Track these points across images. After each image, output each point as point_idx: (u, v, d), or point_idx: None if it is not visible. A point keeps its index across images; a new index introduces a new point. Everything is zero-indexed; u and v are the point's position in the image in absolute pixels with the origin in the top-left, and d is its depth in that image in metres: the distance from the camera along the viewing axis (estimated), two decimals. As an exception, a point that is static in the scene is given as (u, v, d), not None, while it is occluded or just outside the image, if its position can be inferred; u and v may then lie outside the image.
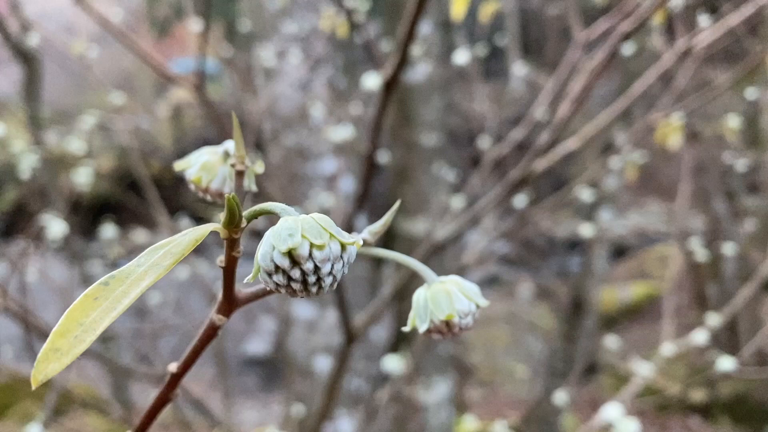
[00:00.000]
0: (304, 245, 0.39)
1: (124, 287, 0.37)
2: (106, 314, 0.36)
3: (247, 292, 0.47)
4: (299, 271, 0.40)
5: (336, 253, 0.40)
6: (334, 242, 0.40)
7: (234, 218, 0.39)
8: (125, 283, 0.37)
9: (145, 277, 0.37)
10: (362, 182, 1.45)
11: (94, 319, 0.35)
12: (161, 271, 0.37)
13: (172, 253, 0.38)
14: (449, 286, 0.51)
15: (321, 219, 0.41)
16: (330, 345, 2.85)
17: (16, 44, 3.03)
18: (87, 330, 0.35)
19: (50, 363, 0.35)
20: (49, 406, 2.09)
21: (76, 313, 0.36)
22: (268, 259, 0.40)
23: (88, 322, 0.35)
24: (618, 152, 2.72)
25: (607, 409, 1.75)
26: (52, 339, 0.35)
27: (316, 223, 0.40)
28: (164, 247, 0.38)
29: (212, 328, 0.46)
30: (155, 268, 0.37)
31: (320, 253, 0.39)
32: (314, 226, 0.40)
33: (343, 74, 3.05)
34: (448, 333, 0.51)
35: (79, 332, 0.35)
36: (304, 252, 0.39)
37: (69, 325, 0.35)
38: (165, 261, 0.38)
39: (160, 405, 0.48)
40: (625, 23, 1.47)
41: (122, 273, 0.37)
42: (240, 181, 0.48)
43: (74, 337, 0.35)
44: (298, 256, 0.39)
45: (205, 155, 0.57)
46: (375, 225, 0.50)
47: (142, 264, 0.38)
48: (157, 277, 0.37)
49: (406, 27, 1.11)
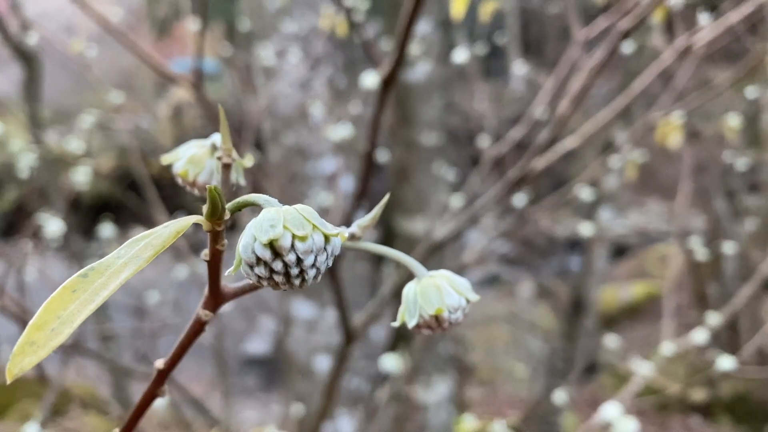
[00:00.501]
0: (286, 236, 0.38)
1: (103, 279, 0.36)
2: (84, 306, 0.35)
3: (233, 287, 0.47)
4: (281, 263, 0.39)
5: (319, 245, 0.39)
6: (317, 233, 0.39)
7: (216, 210, 0.39)
8: (104, 275, 0.36)
9: (124, 269, 0.36)
10: (361, 181, 1.44)
11: (71, 311, 0.35)
12: (141, 263, 0.37)
13: (152, 245, 0.37)
14: (439, 280, 0.50)
15: (304, 210, 0.40)
16: (330, 344, 2.84)
17: (16, 44, 3.02)
18: (64, 322, 0.34)
19: (26, 356, 0.34)
20: (48, 405, 2.09)
21: (54, 305, 0.35)
22: (249, 250, 0.39)
23: (66, 315, 0.35)
24: (618, 151, 2.71)
25: (606, 409, 1.75)
26: (29, 332, 0.34)
27: (298, 213, 0.39)
28: (145, 238, 0.38)
29: (199, 324, 0.46)
30: (135, 260, 0.37)
31: (303, 245, 0.38)
32: (297, 217, 0.39)
33: (343, 73, 3.05)
34: (437, 328, 0.50)
35: (56, 325, 0.34)
36: (286, 243, 0.38)
37: (46, 318, 0.35)
38: (145, 253, 0.37)
39: (148, 401, 0.47)
40: (624, 21, 1.47)
41: (101, 265, 0.37)
42: (227, 174, 0.48)
43: (51, 329, 0.34)
44: (279, 248, 0.38)
45: (193, 148, 0.56)
46: (364, 219, 0.49)
47: (121, 256, 0.37)
48: (137, 268, 0.36)
49: (403, 25, 1.11)
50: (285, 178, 2.92)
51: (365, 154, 1.35)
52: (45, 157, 2.98)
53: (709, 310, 2.95)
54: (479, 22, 2.91)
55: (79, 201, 3.33)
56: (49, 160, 3.08)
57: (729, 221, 4.47)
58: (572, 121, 1.78)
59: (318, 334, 2.88)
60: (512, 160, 2.09)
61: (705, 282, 4.75)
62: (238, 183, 0.52)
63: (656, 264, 6.54)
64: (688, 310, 4.80)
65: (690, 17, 1.84)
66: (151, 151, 3.83)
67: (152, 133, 4.19)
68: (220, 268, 0.43)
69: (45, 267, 3.30)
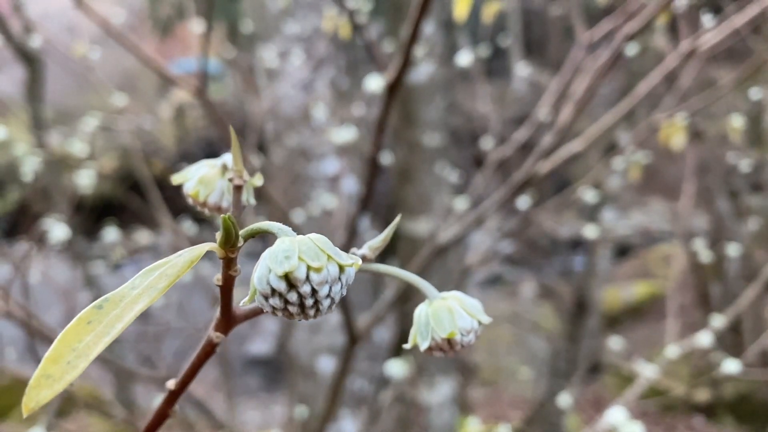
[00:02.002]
0: (301, 268, 0.38)
1: (118, 311, 0.36)
2: (100, 339, 0.35)
3: (244, 310, 0.47)
4: (296, 294, 0.39)
5: (334, 276, 0.39)
6: (332, 264, 0.39)
7: (230, 239, 0.39)
8: (119, 306, 0.36)
9: (139, 301, 0.36)
10: (365, 184, 1.44)
11: (87, 344, 0.34)
12: (156, 294, 0.36)
13: (167, 275, 0.37)
14: (451, 302, 0.50)
15: (318, 240, 0.40)
16: (333, 346, 2.84)
17: (19, 45, 3.03)
18: (80, 356, 0.34)
19: (42, 390, 0.34)
20: (52, 408, 2.09)
21: (69, 337, 0.35)
22: (264, 282, 0.39)
23: (81, 347, 0.34)
24: (622, 152, 2.71)
25: (611, 413, 1.74)
26: (44, 365, 0.34)
27: (313, 244, 0.39)
28: (159, 268, 0.37)
29: (210, 346, 0.46)
30: (150, 290, 0.36)
31: (318, 276, 0.38)
32: (312, 248, 0.39)
33: (346, 75, 3.04)
34: (450, 351, 0.49)
35: (71, 358, 0.34)
36: (301, 275, 0.38)
37: (61, 351, 0.34)
38: (160, 283, 0.37)
39: (159, 421, 0.47)
40: (630, 24, 1.46)
41: (116, 296, 0.36)
42: (238, 196, 0.47)
43: (67, 363, 0.34)
44: (295, 279, 0.38)
45: (204, 168, 0.56)
46: (375, 240, 0.49)
47: (136, 286, 0.37)
48: (152, 300, 0.36)
49: (409, 29, 1.11)
50: (288, 179, 2.92)
51: (370, 158, 1.35)
52: (48, 158, 2.98)
53: (712, 310, 2.95)
54: (482, 23, 2.91)
55: (81, 202, 3.33)
56: (51, 161, 3.08)
57: (732, 221, 4.46)
58: (576, 122, 1.78)
59: (321, 335, 2.88)
60: (516, 161, 2.09)
61: (708, 282, 4.75)
62: (248, 203, 0.52)
63: (659, 264, 6.53)
64: (691, 310, 4.79)
65: (694, 18, 1.83)
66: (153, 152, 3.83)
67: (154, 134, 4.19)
68: (232, 292, 0.43)
69: (48, 268, 3.30)
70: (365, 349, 2.93)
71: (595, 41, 1.84)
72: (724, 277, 4.56)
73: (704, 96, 2.12)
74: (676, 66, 1.73)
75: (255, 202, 0.52)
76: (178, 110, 7.59)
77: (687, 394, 4.18)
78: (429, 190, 3.20)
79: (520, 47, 6.65)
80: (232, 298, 0.44)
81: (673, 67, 1.74)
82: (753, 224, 4.28)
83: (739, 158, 3.75)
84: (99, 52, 2.74)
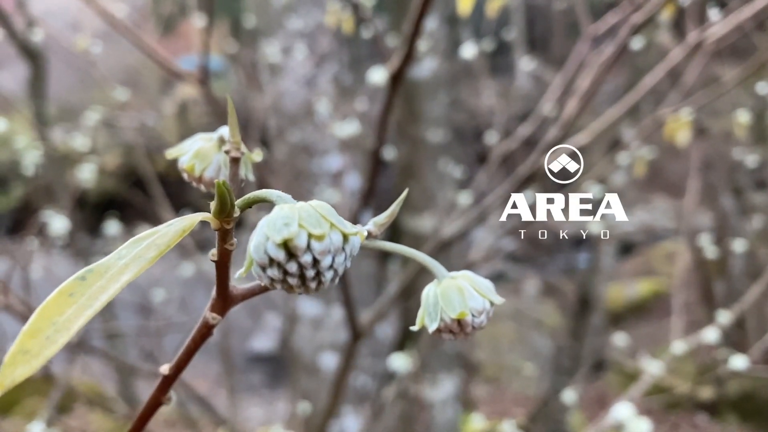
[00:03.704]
0: (301, 235, 0.35)
1: (103, 282, 0.33)
2: (82, 312, 0.32)
3: (242, 289, 0.44)
4: (296, 264, 0.36)
5: (337, 245, 0.37)
6: (335, 232, 0.37)
7: (225, 206, 0.36)
8: (104, 277, 0.33)
9: (125, 271, 0.34)
10: (368, 179, 1.43)
11: (68, 317, 0.32)
12: (144, 263, 0.34)
13: (156, 245, 0.35)
14: (461, 281, 0.46)
15: (320, 207, 0.37)
16: (336, 342, 2.84)
17: (22, 41, 3.02)
18: (60, 329, 0.32)
19: (18, 366, 0.31)
20: (53, 403, 2.08)
21: (49, 310, 0.32)
22: (261, 250, 0.36)
23: (62, 321, 0.32)
24: (626, 148, 2.70)
25: (617, 409, 1.73)
26: (21, 340, 0.31)
27: (314, 211, 0.37)
28: (148, 237, 0.35)
29: (206, 327, 0.43)
30: (138, 260, 0.34)
31: (319, 245, 0.36)
32: (313, 215, 0.36)
33: (349, 70, 3.03)
34: (460, 333, 0.46)
35: (51, 332, 0.32)
36: (302, 243, 0.35)
37: (40, 324, 0.32)
38: (148, 253, 0.34)
39: (153, 408, 0.45)
40: (635, 16, 1.45)
41: (101, 266, 0.34)
42: (235, 168, 0.45)
43: (45, 337, 0.32)
44: (294, 248, 0.35)
45: (199, 142, 0.53)
46: (381, 216, 0.45)
47: (123, 256, 0.34)
48: (140, 270, 0.33)
49: (412, 21, 1.10)
50: (291, 175, 2.92)
51: (373, 152, 1.34)
52: (50, 154, 2.98)
53: (716, 307, 2.93)
54: (486, 17, 2.90)
55: (84, 198, 3.33)
56: (54, 157, 3.08)
57: (736, 218, 4.44)
58: (580, 117, 1.77)
59: (324, 331, 2.87)
60: (520, 157, 2.08)
61: (712, 279, 4.73)
62: (246, 178, 0.49)
63: (663, 261, 6.51)
64: (695, 308, 4.78)
65: (699, 13, 1.82)
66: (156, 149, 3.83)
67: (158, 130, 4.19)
68: (229, 268, 0.41)
69: (50, 264, 3.30)
70: (368, 345, 2.93)
71: (599, 35, 1.83)
72: (729, 274, 4.54)
73: (709, 92, 2.11)
74: (680, 61, 1.72)
75: (253, 177, 0.50)
76: (181, 106, 7.59)
77: (691, 391, 4.17)
78: (432, 187, 3.19)
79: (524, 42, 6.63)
80: (229, 275, 0.41)
81: (678, 63, 1.73)
82: (757, 221, 4.26)
83: (744, 155, 3.74)
84: (101, 47, 2.73)
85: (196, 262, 3.20)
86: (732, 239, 3.89)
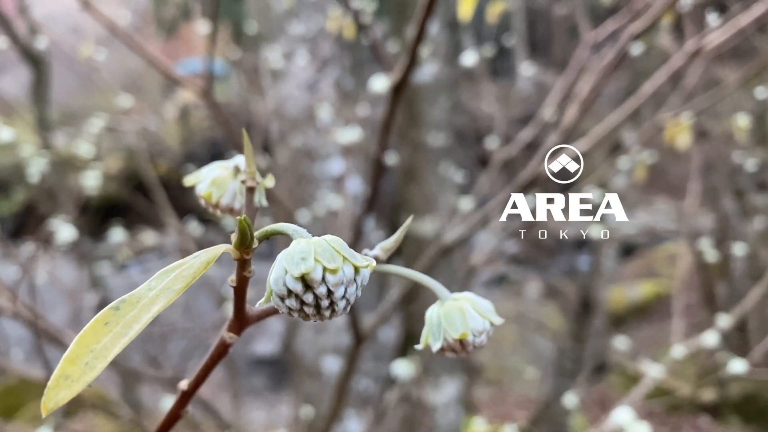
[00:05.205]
0: (317, 269, 0.39)
1: (135, 312, 0.36)
2: (117, 340, 0.35)
3: (257, 310, 0.47)
4: (312, 295, 0.39)
5: (349, 277, 0.40)
6: (348, 266, 0.40)
7: (246, 240, 0.39)
8: (136, 307, 0.36)
9: (156, 302, 0.36)
10: (371, 185, 1.44)
11: (104, 345, 0.35)
12: (172, 295, 0.37)
13: (183, 276, 0.37)
14: (463, 303, 0.50)
15: (333, 241, 0.40)
16: (338, 345, 2.84)
17: (25, 47, 3.04)
18: (97, 356, 0.35)
19: (61, 390, 0.34)
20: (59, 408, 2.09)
21: (87, 338, 0.35)
22: (280, 283, 0.39)
23: (99, 348, 0.35)
24: (627, 152, 2.70)
25: (617, 413, 1.74)
26: (63, 366, 0.34)
27: (329, 245, 0.40)
28: (175, 270, 0.38)
29: (223, 346, 0.46)
30: (166, 292, 0.37)
31: (333, 278, 0.39)
32: (327, 249, 0.39)
33: (350, 75, 3.04)
34: (461, 351, 0.50)
35: (89, 359, 0.34)
36: (318, 276, 0.38)
37: (79, 352, 0.35)
38: (176, 285, 0.37)
39: (172, 422, 0.47)
40: (635, 23, 1.46)
41: (133, 297, 0.37)
42: (250, 197, 0.48)
43: (85, 363, 0.34)
44: (311, 281, 0.38)
45: (216, 170, 0.56)
46: (387, 242, 0.49)
47: (153, 288, 0.37)
48: (169, 301, 0.36)
49: (415, 29, 1.11)
50: (293, 179, 2.93)
51: (375, 159, 1.35)
52: (54, 160, 2.99)
53: (717, 309, 2.94)
54: (486, 22, 2.91)
55: (86, 202, 3.34)
56: (57, 162, 3.09)
57: (737, 221, 4.45)
58: (581, 121, 1.78)
59: (326, 334, 2.88)
60: (521, 161, 2.09)
61: (714, 281, 4.74)
62: (260, 204, 0.52)
63: (664, 263, 6.52)
64: (697, 310, 4.78)
65: (699, 17, 1.83)
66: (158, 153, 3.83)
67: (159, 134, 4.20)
68: (246, 293, 0.44)
69: (54, 269, 3.31)
70: (371, 349, 2.94)
71: (600, 40, 1.84)
72: (730, 276, 4.55)
73: (710, 95, 2.12)
74: (681, 65, 1.73)
75: (266, 203, 0.53)
76: (183, 111, 7.60)
77: (693, 394, 4.17)
78: (434, 191, 3.19)
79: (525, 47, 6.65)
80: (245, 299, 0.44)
81: (679, 67, 1.74)
82: (759, 223, 4.27)
83: (744, 157, 3.74)
84: (104, 53, 2.74)
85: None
86: (733, 241, 3.90)
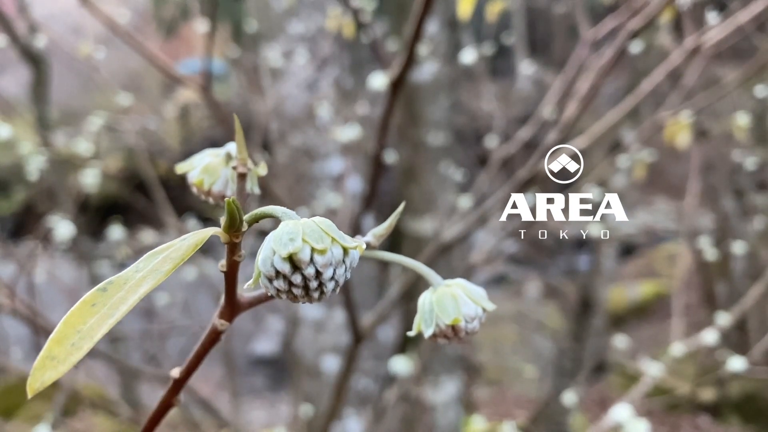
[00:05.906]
0: (305, 250, 0.38)
1: (122, 293, 0.36)
2: (104, 321, 0.35)
3: (249, 297, 0.47)
4: (300, 276, 0.39)
5: (338, 258, 0.40)
6: (336, 246, 0.40)
7: (234, 222, 0.39)
8: (123, 288, 0.36)
9: (143, 283, 0.36)
10: (370, 183, 1.44)
11: (91, 326, 0.35)
12: (160, 276, 0.37)
13: (171, 258, 0.37)
14: (455, 289, 0.50)
15: (322, 222, 0.40)
16: (338, 345, 2.84)
17: (25, 46, 3.04)
18: (84, 337, 0.34)
19: (46, 371, 0.34)
20: (58, 407, 2.09)
21: (74, 319, 0.35)
22: (268, 264, 0.39)
23: (86, 329, 0.35)
24: (626, 151, 2.70)
25: (616, 410, 1.74)
26: (49, 346, 0.34)
27: (317, 226, 0.40)
28: (163, 252, 0.38)
29: (215, 333, 0.46)
30: (154, 273, 0.36)
31: (322, 258, 0.39)
32: (315, 230, 0.39)
33: (350, 74, 3.04)
34: (454, 337, 0.49)
35: (76, 339, 0.34)
36: (305, 257, 0.38)
37: (66, 332, 0.34)
38: (164, 266, 0.37)
39: (164, 410, 0.47)
40: (634, 21, 1.46)
41: (120, 279, 0.37)
42: (242, 183, 0.48)
43: (71, 344, 0.34)
44: (299, 261, 0.38)
45: (208, 157, 0.56)
46: (379, 228, 0.49)
47: (140, 269, 0.37)
48: (156, 282, 0.36)
49: (413, 26, 1.11)
50: (292, 178, 2.93)
51: (374, 156, 1.35)
52: (53, 158, 2.99)
53: (717, 309, 2.94)
54: (486, 21, 2.91)
55: (86, 202, 3.34)
56: (57, 161, 3.09)
57: (737, 220, 4.45)
58: (580, 120, 1.78)
59: (326, 334, 2.88)
60: (520, 160, 2.09)
61: (713, 281, 4.74)
62: (252, 192, 0.52)
63: (664, 263, 6.52)
64: (696, 309, 4.78)
65: (698, 16, 1.83)
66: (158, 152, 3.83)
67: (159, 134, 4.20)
68: (237, 278, 0.43)
69: (54, 268, 3.31)
70: (370, 348, 2.93)
71: (599, 39, 1.84)
72: (730, 275, 4.55)
73: (709, 94, 2.12)
74: (680, 63, 1.73)
75: (259, 191, 0.53)
76: (182, 110, 7.60)
77: (692, 393, 4.17)
78: (433, 190, 3.19)
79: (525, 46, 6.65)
80: (237, 284, 0.44)
81: (678, 65, 1.74)
82: (758, 223, 4.27)
83: (744, 156, 3.74)
84: (104, 52, 2.74)
85: (198, 266, 3.21)
86: (733, 240, 3.89)
